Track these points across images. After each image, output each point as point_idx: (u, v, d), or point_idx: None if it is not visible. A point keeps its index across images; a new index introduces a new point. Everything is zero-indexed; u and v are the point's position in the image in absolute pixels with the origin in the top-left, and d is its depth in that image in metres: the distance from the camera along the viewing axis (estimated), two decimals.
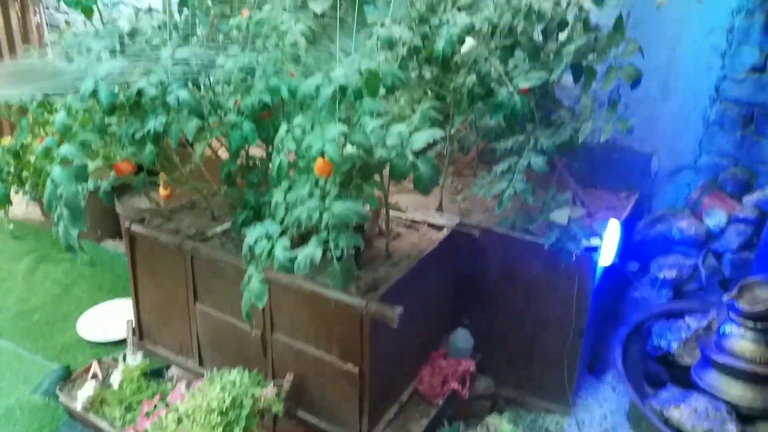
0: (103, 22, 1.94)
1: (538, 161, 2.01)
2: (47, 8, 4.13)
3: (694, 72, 2.60)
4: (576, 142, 2.11)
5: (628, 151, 2.83)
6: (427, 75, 2.19)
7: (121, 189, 3.16)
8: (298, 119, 1.48)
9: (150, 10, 2.91)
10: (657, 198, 2.84)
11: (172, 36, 2.18)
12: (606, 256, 2.28)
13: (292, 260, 1.44)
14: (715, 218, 2.56)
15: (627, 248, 2.65)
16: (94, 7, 2.02)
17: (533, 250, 2.26)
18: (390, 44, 1.86)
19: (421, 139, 1.43)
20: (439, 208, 2.54)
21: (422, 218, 2.41)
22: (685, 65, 2.61)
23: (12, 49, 4.21)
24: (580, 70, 2.15)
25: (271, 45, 1.92)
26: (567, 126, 2.14)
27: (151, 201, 2.36)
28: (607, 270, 2.38)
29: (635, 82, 2.07)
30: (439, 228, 2.36)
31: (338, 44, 2.26)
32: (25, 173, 2.24)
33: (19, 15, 3.97)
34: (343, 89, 1.45)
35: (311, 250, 1.44)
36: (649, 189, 2.83)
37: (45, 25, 4.04)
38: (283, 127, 1.50)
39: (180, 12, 2.28)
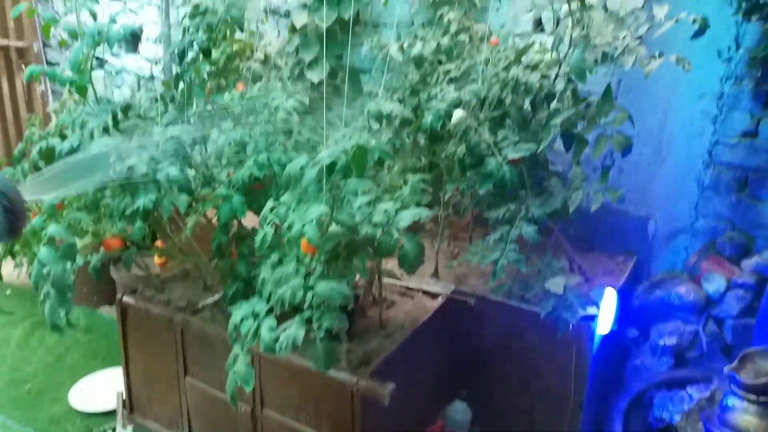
0: (97, 98, 1.97)
1: (529, 231, 2.00)
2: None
3: (687, 137, 2.61)
4: (567, 210, 2.11)
5: (624, 214, 2.82)
6: (422, 141, 2.21)
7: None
8: (285, 196, 1.49)
9: (152, 78, 2.98)
10: (655, 262, 2.82)
11: (168, 109, 2.22)
12: (604, 325, 2.24)
13: (276, 340, 1.42)
14: (714, 283, 2.53)
15: (626, 314, 2.60)
16: (94, 74, 2.06)
17: (530, 319, 2.23)
18: (379, 119, 1.89)
19: (407, 218, 1.43)
20: (435, 274, 2.53)
21: (417, 285, 2.39)
22: (677, 130, 2.63)
23: (17, 117, 4.30)
24: (571, 139, 2.16)
25: (263, 119, 1.94)
26: (558, 194, 2.14)
27: (144, 270, 2.35)
28: (606, 338, 2.34)
29: (625, 150, 2.08)
30: (434, 296, 2.34)
31: (334, 113, 2.29)
32: (16, 247, 2.25)
33: (24, 83, 4.07)
34: (331, 167, 1.46)
35: (293, 331, 1.42)
36: (647, 252, 2.81)
37: (49, 94, 4.13)
38: (270, 203, 1.51)
39: (176, 85, 2.33)
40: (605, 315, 2.24)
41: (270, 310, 1.52)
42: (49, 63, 4.19)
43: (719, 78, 2.48)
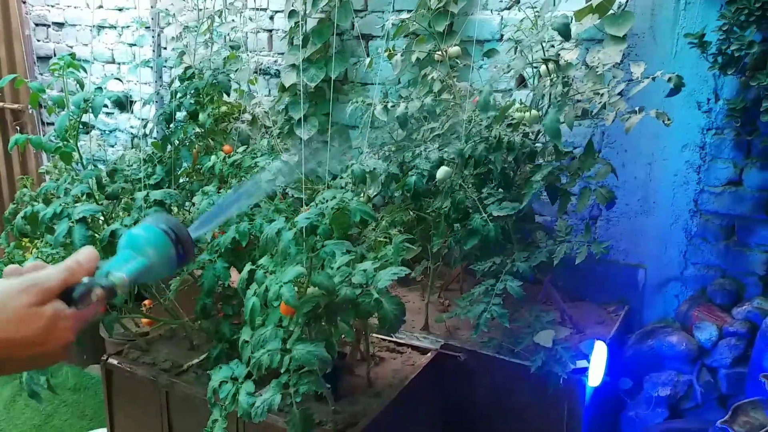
0: (83, 163, 2.00)
1: (513, 285, 2.00)
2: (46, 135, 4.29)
3: (673, 186, 2.63)
4: (552, 263, 2.12)
5: (614, 264, 2.82)
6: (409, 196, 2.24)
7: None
8: (263, 259, 1.49)
9: (146, 136, 3.02)
10: (646, 311, 2.80)
11: (156, 170, 2.24)
12: (595, 377, 2.21)
13: (253, 405, 1.40)
14: (706, 332, 2.50)
15: (618, 365, 2.57)
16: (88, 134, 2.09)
17: (521, 373, 2.20)
18: (362, 179, 1.91)
19: (385, 278, 1.43)
20: (425, 328, 2.51)
21: (406, 341, 2.37)
22: (663, 180, 2.65)
23: (11, 177, 4.34)
24: (555, 192, 2.19)
25: (248, 181, 1.97)
26: (544, 247, 2.15)
27: (128, 331, 2.34)
28: (598, 390, 2.31)
29: (609, 204, 2.10)
30: (424, 351, 2.31)
31: (323, 168, 2.32)
32: None
33: (9, 150, 4.11)
34: (310, 229, 1.47)
35: (270, 396, 1.40)
36: (638, 302, 2.80)
37: (43, 154, 4.18)
38: (248, 267, 1.51)
39: (165, 147, 2.36)
40: (596, 367, 2.21)
41: (249, 374, 1.50)
42: (45, 124, 4.27)
43: (700, 129, 2.52)
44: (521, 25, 2.08)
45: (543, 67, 1.99)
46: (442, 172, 2.14)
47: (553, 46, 2.15)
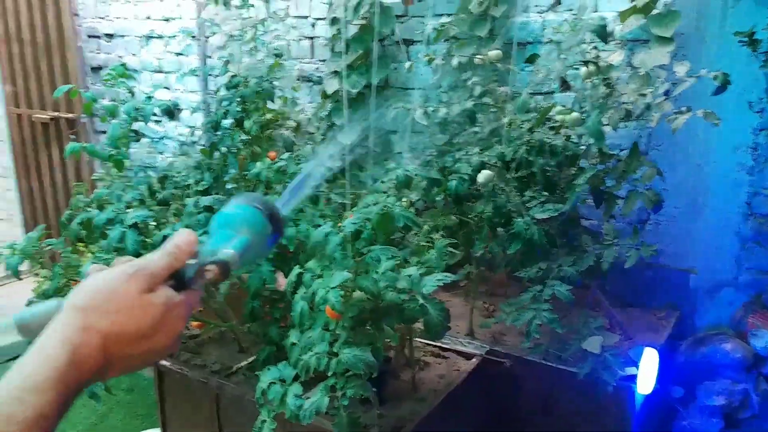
0: (135, 170, 2.07)
1: (561, 290, 1.98)
2: (100, 143, 4.44)
3: (723, 189, 2.56)
4: (601, 268, 2.08)
5: (663, 268, 2.76)
6: (450, 200, 2.23)
7: None
8: (311, 263, 1.52)
9: (194, 143, 3.10)
10: (698, 317, 2.73)
11: (205, 176, 2.30)
12: (645, 384, 2.16)
13: (301, 408, 1.42)
14: (763, 340, 2.42)
15: (670, 373, 2.51)
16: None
17: (569, 380, 2.17)
18: (406, 184, 1.92)
19: (430, 283, 1.43)
20: (470, 333, 2.50)
21: (451, 346, 2.36)
22: (713, 182, 2.58)
23: (66, 184, 4.51)
24: (600, 196, 2.15)
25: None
26: (590, 252, 2.12)
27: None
28: (649, 398, 2.25)
29: (656, 206, 2.06)
30: (469, 356, 2.30)
31: (365, 173, 2.33)
32: None
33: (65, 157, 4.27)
34: (356, 233, 1.49)
35: (317, 398, 1.42)
36: (690, 307, 2.72)
37: (96, 161, 4.32)
38: (295, 270, 1.53)
39: (212, 154, 2.42)
40: (647, 374, 2.16)
41: (297, 376, 1.52)
42: (97, 132, 4.41)
43: (752, 129, 2.45)
44: (561, 27, 2.06)
45: (584, 69, 1.97)
46: (483, 175, 2.14)
47: (596, 47, 2.11)
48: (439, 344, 2.36)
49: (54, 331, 0.58)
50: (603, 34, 1.89)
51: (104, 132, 4.16)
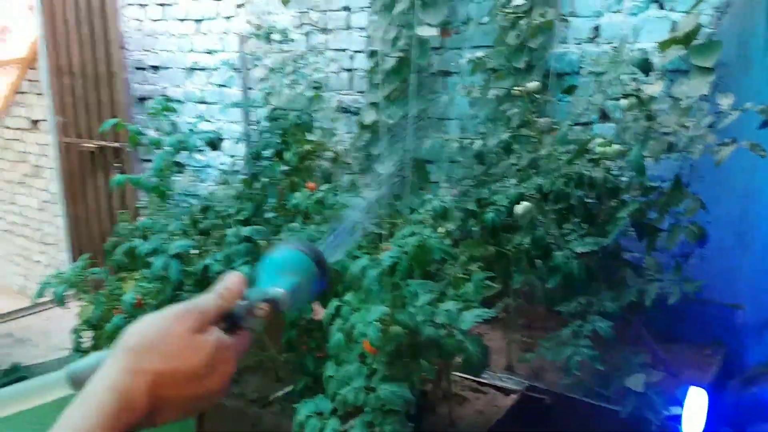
0: (177, 200, 2.12)
1: (603, 326, 1.94)
2: (144, 172, 4.57)
3: None
4: (643, 303, 2.03)
5: (708, 303, 2.67)
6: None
7: None
8: (348, 296, 1.52)
9: (235, 172, 3.16)
10: (747, 354, 2.63)
11: (246, 206, 2.34)
12: (692, 425, 2.08)
13: None
14: None
15: (718, 413, 2.41)
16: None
17: (611, 419, 2.10)
18: (443, 216, 1.92)
19: (469, 319, 1.42)
20: (508, 368, 2.46)
21: (489, 380, 2.32)
22: (760, 214, 2.51)
23: (111, 211, 4.64)
24: (642, 229, 2.11)
25: (331, 217, 2.02)
26: (632, 286, 2.07)
27: None
28: None
29: (701, 241, 2.01)
30: (508, 392, 2.26)
31: (402, 202, 2.34)
32: (102, 345, 2.38)
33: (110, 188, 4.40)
34: (392, 266, 1.49)
35: None
36: (737, 344, 2.63)
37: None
38: (333, 303, 1.54)
39: (252, 184, 2.46)
40: (693, 415, 2.09)
41: (334, 410, 1.52)
42: (142, 160, 4.54)
43: None
44: (599, 59, 2.05)
45: (625, 102, 1.95)
46: (521, 207, 2.12)
47: (635, 79, 2.09)
48: (477, 379, 2.32)
49: (101, 376, 0.57)
50: (645, 67, 1.87)
51: (148, 160, 4.29)
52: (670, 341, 2.65)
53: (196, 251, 1.92)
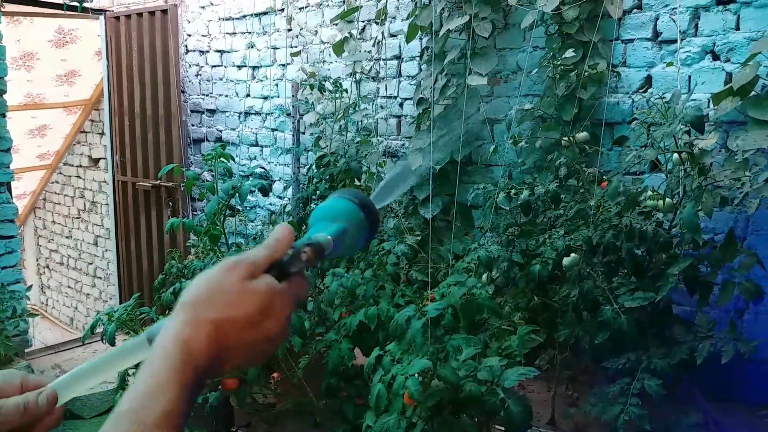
0: (228, 243, 2.17)
1: (652, 384, 1.87)
2: (194, 210, 4.70)
3: None
4: (695, 362, 1.96)
5: (764, 362, 2.56)
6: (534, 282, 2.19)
7: None
8: (391, 345, 1.52)
9: (283, 212, 3.21)
10: None
11: None
12: None
13: None
14: None
15: None
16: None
17: None
18: (488, 266, 1.91)
19: (512, 377, 1.40)
20: (551, 422, 2.39)
21: None
22: None
23: (161, 249, 4.77)
24: (694, 285, 2.06)
25: (374, 263, 2.03)
26: (683, 343, 2.01)
27: (255, 401, 2.43)
28: None
29: (757, 298, 1.94)
30: None
31: (446, 247, 2.33)
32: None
33: (166, 231, 4.54)
34: (437, 318, 1.49)
35: None
36: None
37: None
38: (375, 352, 1.54)
39: (300, 228, 2.50)
40: None
41: None
42: (194, 199, 4.68)
43: None
44: (651, 110, 2.03)
45: (677, 157, 1.92)
46: (569, 259, 2.09)
47: (687, 132, 2.07)
48: None
49: (165, 331, 0.61)
50: (700, 125, 1.85)
51: (199, 199, 4.41)
52: (723, 401, 2.53)
53: None
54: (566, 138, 2.46)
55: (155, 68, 4.62)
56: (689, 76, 2.56)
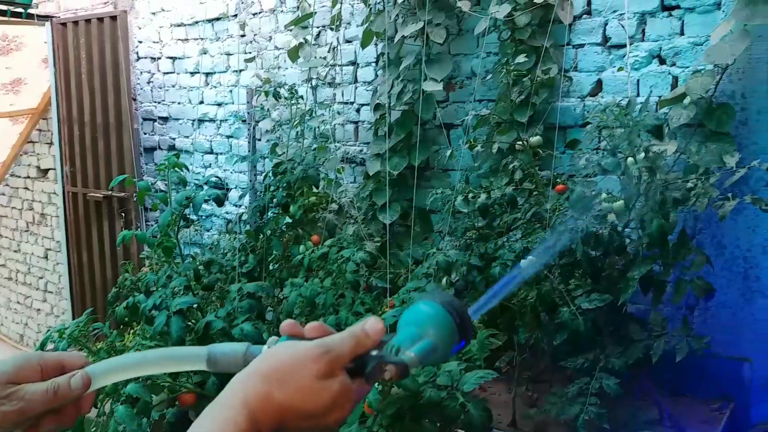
0: (182, 256, 2.12)
1: (610, 384, 1.91)
2: (148, 221, 4.60)
3: None
4: (650, 359, 2.01)
5: (714, 357, 2.64)
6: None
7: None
8: None
9: (240, 221, 3.17)
10: (755, 409, 2.57)
11: (249, 259, 2.34)
12: None
13: None
14: None
15: None
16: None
17: None
18: (447, 270, 1.92)
19: (471, 381, 1.40)
20: (512, 423, 2.41)
21: None
22: (764, 267, 2.50)
23: (114, 261, 4.65)
24: (648, 284, 2.10)
25: (334, 271, 2.02)
26: (639, 342, 2.06)
27: None
28: None
29: (708, 296, 2.00)
30: None
31: (405, 252, 2.34)
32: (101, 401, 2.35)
33: (117, 245, 4.43)
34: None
35: None
36: (744, 398, 2.58)
37: None
38: None
39: (257, 236, 2.47)
40: None
41: None
42: (147, 209, 4.58)
43: None
44: (605, 116, 2.07)
45: (631, 160, 1.97)
46: (526, 262, 2.12)
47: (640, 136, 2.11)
48: None
49: (235, 393, 0.63)
50: (658, 133, 1.90)
51: (153, 210, 4.32)
52: (676, 395, 2.60)
53: (198, 307, 1.92)
54: (520, 142, 2.50)
55: (105, 76, 4.51)
56: (638, 80, 2.63)
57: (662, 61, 2.58)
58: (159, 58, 4.44)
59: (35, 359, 0.71)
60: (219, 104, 4.12)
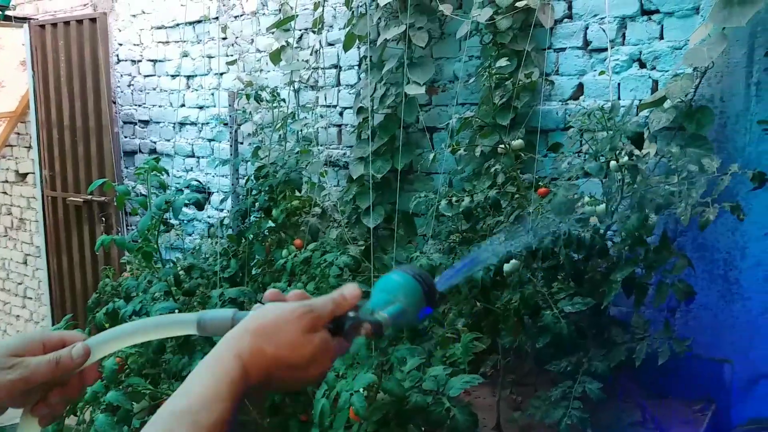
0: (162, 261, 2.10)
1: (593, 388, 1.92)
2: (129, 225, 4.54)
3: (757, 278, 2.50)
4: (633, 362, 2.02)
5: (696, 358, 2.66)
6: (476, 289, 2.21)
7: None
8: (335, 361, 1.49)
9: (221, 225, 3.14)
10: (736, 410, 2.60)
11: (231, 263, 2.32)
12: None
13: None
14: None
15: None
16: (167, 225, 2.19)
17: None
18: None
19: (457, 386, 1.40)
20: (497, 426, 2.41)
21: None
22: (744, 269, 2.52)
23: (95, 266, 4.59)
24: (630, 287, 2.12)
25: (318, 275, 2.00)
26: (621, 344, 2.06)
27: None
28: None
29: (689, 299, 2.01)
30: None
31: (389, 255, 2.32)
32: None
33: (96, 250, 4.37)
34: None
35: None
36: (726, 400, 2.61)
37: None
38: None
39: (239, 241, 2.45)
40: None
41: None
42: (128, 214, 4.52)
43: None
44: (587, 120, 2.08)
45: (614, 164, 1.98)
46: (509, 265, 2.12)
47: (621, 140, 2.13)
48: None
49: (228, 348, 0.69)
50: (639, 141, 1.91)
51: (133, 214, 4.27)
52: (659, 397, 2.62)
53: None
54: (503, 145, 2.50)
55: (85, 78, 4.45)
56: (618, 84, 2.65)
57: (642, 65, 2.60)
58: (139, 61, 4.39)
59: (38, 336, 0.76)
60: (200, 107, 4.09)
